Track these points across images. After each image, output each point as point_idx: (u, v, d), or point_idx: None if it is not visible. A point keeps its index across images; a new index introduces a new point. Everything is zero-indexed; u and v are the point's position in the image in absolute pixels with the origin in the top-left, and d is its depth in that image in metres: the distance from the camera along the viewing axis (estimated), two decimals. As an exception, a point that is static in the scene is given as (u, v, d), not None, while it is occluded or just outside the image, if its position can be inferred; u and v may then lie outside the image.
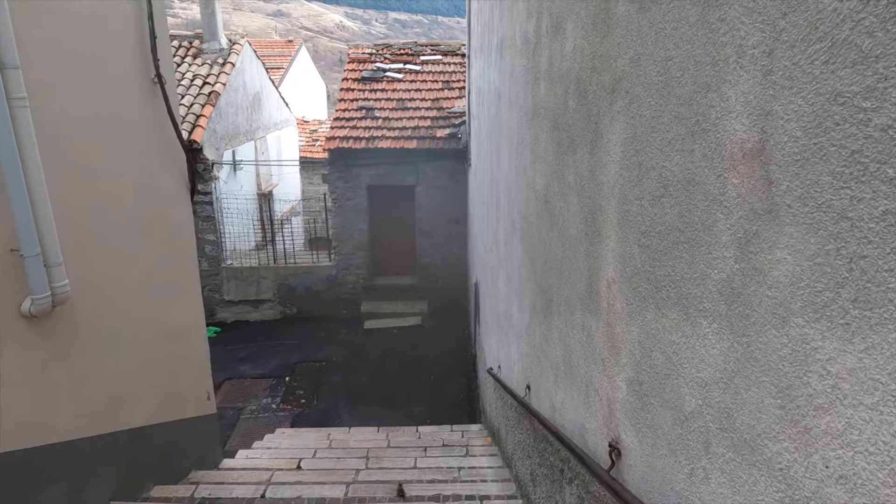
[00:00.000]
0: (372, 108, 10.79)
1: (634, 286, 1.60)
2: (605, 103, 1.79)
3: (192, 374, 4.69)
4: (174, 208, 4.26)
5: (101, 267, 3.62)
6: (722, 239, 1.11)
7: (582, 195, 2.14)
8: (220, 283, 10.60)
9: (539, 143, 2.99)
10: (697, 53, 1.18)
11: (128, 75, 3.77)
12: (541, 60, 2.89)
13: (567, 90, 2.32)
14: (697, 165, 1.19)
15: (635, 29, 1.53)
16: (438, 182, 10.32)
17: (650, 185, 1.46)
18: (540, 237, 3.05)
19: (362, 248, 10.66)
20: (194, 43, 11.41)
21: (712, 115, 1.13)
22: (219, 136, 10.53)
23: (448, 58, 12.13)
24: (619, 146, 1.68)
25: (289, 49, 21.37)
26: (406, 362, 9.25)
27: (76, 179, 3.40)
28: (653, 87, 1.42)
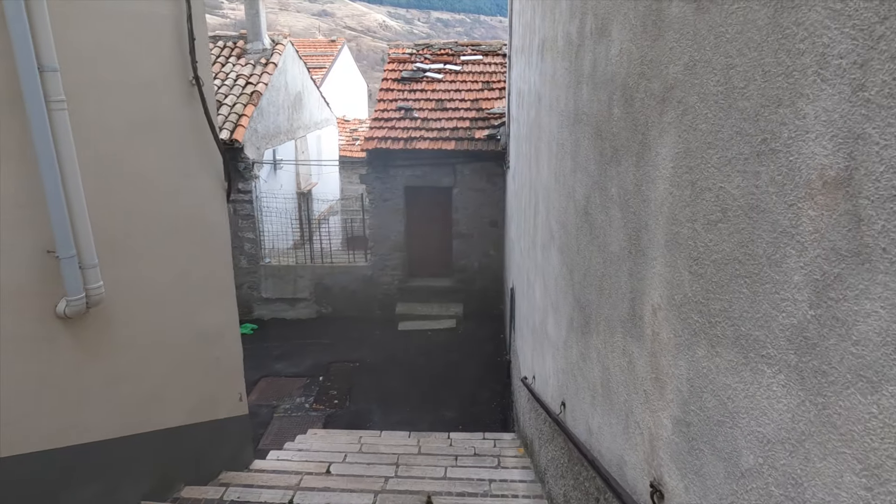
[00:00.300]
0: (411, 109, 10.74)
1: (683, 317, 1.45)
2: (655, 113, 1.64)
3: (225, 375, 4.70)
4: (209, 209, 4.26)
5: (136, 268, 3.64)
6: (793, 278, 0.95)
7: (626, 210, 1.98)
8: (258, 280, 10.73)
9: (580, 151, 2.83)
10: (767, 62, 1.03)
11: (166, 77, 3.77)
12: (584, 63, 2.74)
13: (612, 97, 2.16)
14: (764, 191, 1.04)
15: (691, 32, 1.37)
16: (476, 184, 10.19)
17: (705, 208, 1.30)
18: (579, 249, 2.89)
19: (398, 248, 10.62)
20: (238, 43, 11.58)
21: (784, 135, 0.97)
22: (260, 135, 10.66)
23: (489, 58, 11.98)
24: (670, 161, 1.52)
25: (331, 49, 21.56)
26: (439, 366, 9.16)
27: (112, 181, 3.42)
28: (710, 97, 1.26)
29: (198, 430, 4.38)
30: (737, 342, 1.16)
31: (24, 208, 2.90)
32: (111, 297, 3.41)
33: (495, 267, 10.60)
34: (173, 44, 3.80)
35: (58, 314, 3.12)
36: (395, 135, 10.10)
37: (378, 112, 10.77)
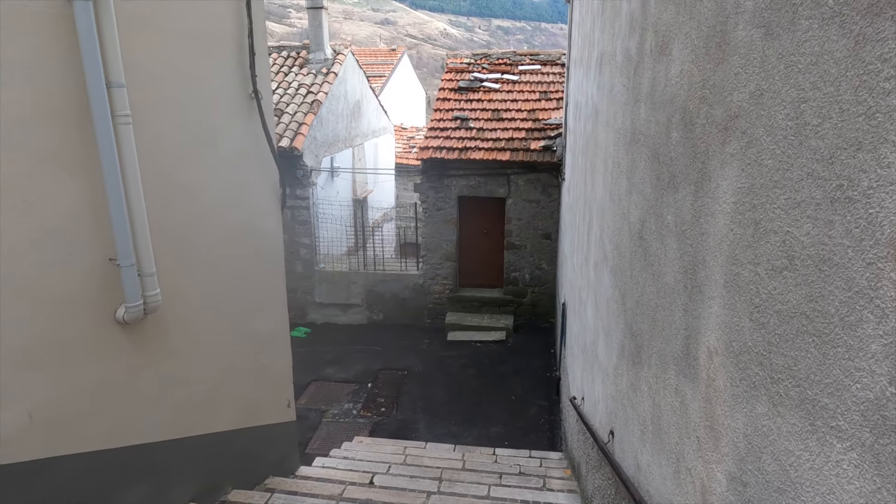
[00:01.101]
0: (467, 119, 10.72)
1: (742, 366, 1.33)
2: (716, 142, 1.53)
3: (274, 381, 4.78)
4: (264, 220, 4.35)
5: (191, 276, 3.75)
6: (870, 347, 0.84)
7: (682, 241, 1.86)
8: (313, 285, 10.95)
9: (636, 172, 2.71)
10: (845, 99, 0.92)
11: (226, 91, 3.88)
12: (642, 81, 2.62)
13: (670, 119, 2.05)
14: (837, 243, 0.93)
15: (758, 59, 1.26)
16: (530, 195, 10.06)
17: (769, 252, 1.19)
18: (632, 275, 2.76)
19: (450, 258, 10.60)
20: (301, 53, 11.90)
21: (863, 183, 0.86)
22: (319, 143, 10.89)
23: (547, 67, 11.83)
24: (731, 195, 1.41)
25: (391, 57, 21.89)
26: (487, 379, 9.06)
27: (172, 192, 3.53)
28: (778, 132, 1.15)
29: (246, 434, 4.47)
30: (802, 405, 1.05)
31: (89, 218, 3.02)
32: (167, 304, 3.52)
33: (547, 280, 10.41)
34: (234, 58, 3.91)
35: (117, 319, 3.23)
36: (451, 144, 10.10)
37: (434, 122, 10.81)
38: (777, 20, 1.17)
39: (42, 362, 2.95)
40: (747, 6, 1.34)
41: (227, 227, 3.98)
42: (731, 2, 1.45)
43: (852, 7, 0.90)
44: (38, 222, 2.87)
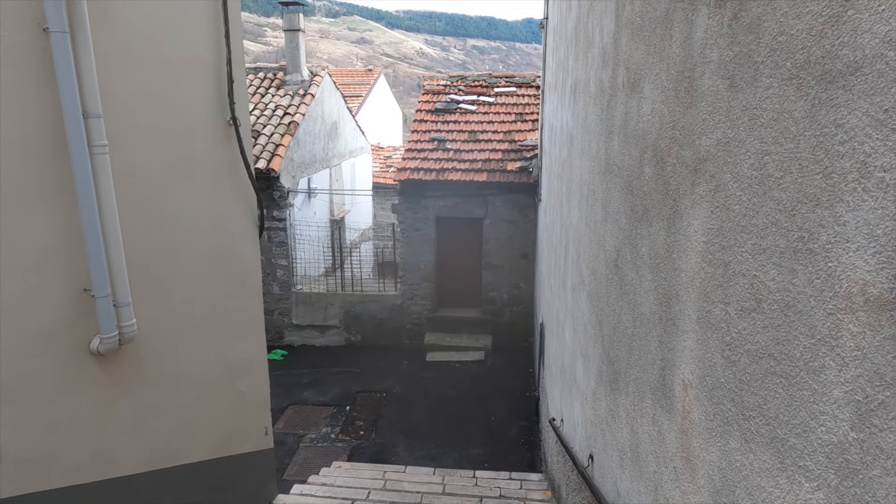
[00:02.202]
0: (444, 140, 10.83)
1: (716, 401, 1.38)
2: (687, 182, 1.59)
3: (252, 409, 4.71)
4: (242, 246, 4.33)
5: (168, 305, 3.70)
6: (833, 393, 0.89)
7: (656, 273, 1.92)
8: (290, 307, 10.85)
9: (611, 202, 2.78)
10: (803, 157, 0.98)
11: (204, 118, 3.88)
12: (615, 114, 2.70)
13: (643, 154, 2.12)
14: (801, 291, 0.99)
15: (724, 108, 1.33)
16: (507, 215, 10.16)
17: (738, 293, 1.24)
18: (608, 302, 2.82)
19: (428, 278, 10.62)
20: (278, 75, 11.91)
21: (822, 237, 0.92)
22: (296, 164, 10.88)
23: (522, 89, 12.03)
24: (702, 235, 1.47)
25: (368, 78, 22.03)
26: (466, 399, 9.05)
27: (149, 220, 3.50)
28: (744, 180, 1.22)
29: (223, 464, 4.39)
30: (772, 444, 1.09)
31: (64, 249, 2.98)
32: (143, 333, 3.47)
33: (525, 299, 10.48)
34: (212, 86, 3.92)
35: (91, 351, 3.18)
36: (428, 166, 10.18)
37: (411, 143, 10.89)
38: (741, 74, 1.24)
39: (13, 397, 2.89)
40: (713, 57, 1.41)
41: (204, 254, 3.95)
42: (697, 50, 1.53)
43: (808, 72, 0.96)
44: (10, 254, 2.83)
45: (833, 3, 0.89)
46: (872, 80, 0.80)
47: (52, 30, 2.66)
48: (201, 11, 3.75)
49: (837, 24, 0.88)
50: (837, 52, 0.88)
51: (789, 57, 1.03)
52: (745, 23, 1.22)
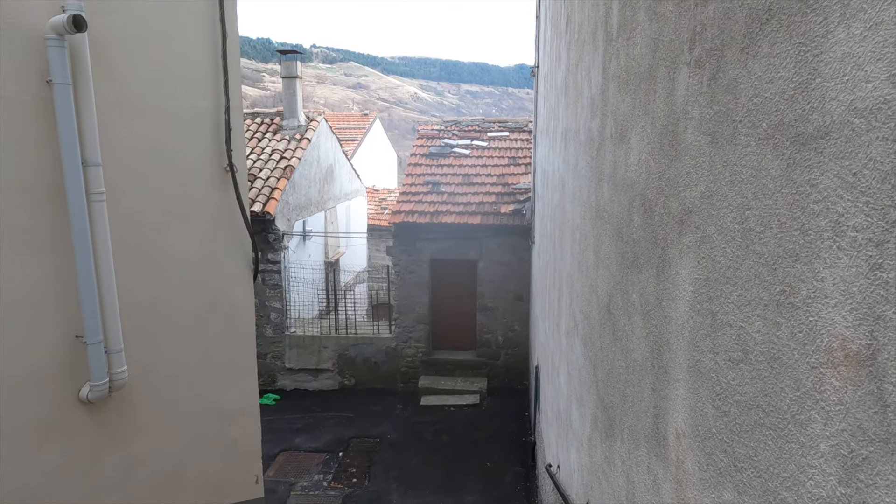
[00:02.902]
0: (438, 183, 10.97)
1: (708, 452, 1.38)
2: (674, 233, 1.63)
3: (242, 457, 4.62)
4: (236, 291, 4.33)
5: (160, 350, 3.68)
6: (819, 446, 0.90)
7: (647, 320, 1.94)
8: (283, 350, 10.75)
9: (602, 248, 2.82)
10: (782, 213, 1.02)
11: (201, 165, 3.94)
12: (604, 162, 2.77)
13: (632, 203, 2.17)
14: (785, 344, 1.01)
15: (706, 163, 1.38)
16: (501, 258, 10.21)
17: (726, 343, 1.26)
18: (602, 347, 2.83)
19: (423, 321, 10.58)
20: (275, 120, 12.13)
21: (802, 292, 0.95)
22: (291, 207, 10.96)
23: (515, 134, 12.27)
24: (690, 285, 1.50)
25: (364, 122, 22.44)
26: (461, 444, 8.89)
27: (143, 265, 3.51)
28: (728, 233, 1.25)
29: (211, 514, 4.28)
30: (764, 496, 1.09)
31: (57, 295, 2.98)
32: (134, 379, 3.43)
33: (520, 341, 10.44)
34: (210, 133, 3.99)
35: (80, 399, 3.14)
36: (422, 209, 10.28)
37: (406, 186, 11.02)
38: (720, 131, 1.29)
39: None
40: (694, 113, 1.47)
41: (198, 299, 3.94)
42: (679, 106, 1.59)
43: (783, 133, 1.01)
44: (4, 299, 2.82)
45: (803, 70, 0.95)
46: (841, 144, 0.84)
47: (56, 82, 2.73)
48: (201, 61, 3.86)
49: (807, 91, 0.93)
50: (808, 117, 0.93)
51: (765, 118, 1.08)
52: (722, 83, 1.28)
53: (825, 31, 0.88)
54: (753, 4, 1.12)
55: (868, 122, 0.78)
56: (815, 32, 0.91)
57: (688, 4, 1.51)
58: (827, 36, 0.87)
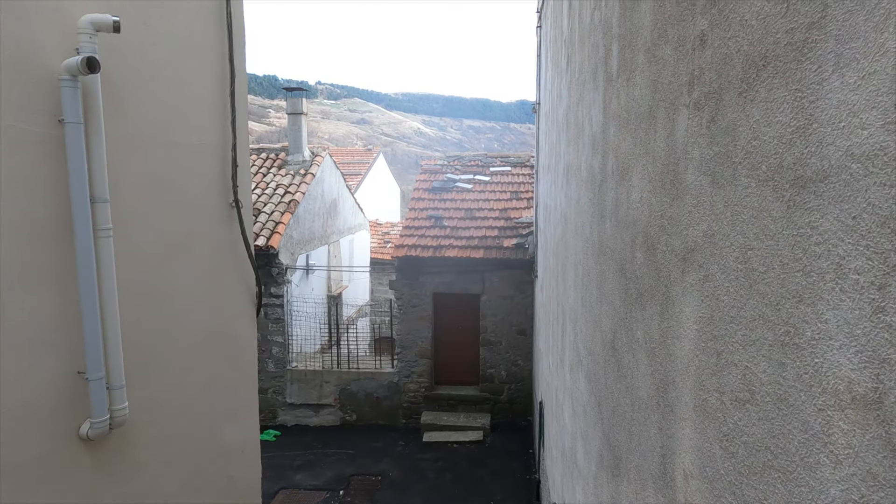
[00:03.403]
0: (441, 218, 11.03)
1: (717, 493, 1.36)
2: (677, 271, 1.64)
3: (242, 495, 4.54)
4: (239, 326, 4.32)
5: (162, 386, 3.65)
6: (830, 491, 0.89)
7: (652, 358, 1.93)
8: (284, 385, 10.65)
9: (605, 283, 2.83)
10: (784, 254, 1.03)
11: (207, 200, 3.98)
12: (606, 199, 2.80)
13: (634, 240, 2.18)
14: (791, 385, 1.00)
15: (708, 202, 1.40)
16: (504, 291, 10.20)
17: (732, 383, 1.26)
18: (606, 384, 2.80)
19: (425, 355, 10.51)
20: (280, 155, 12.29)
21: (807, 333, 0.95)
22: (294, 241, 11.01)
23: (517, 169, 12.40)
24: (694, 323, 1.50)
25: (367, 157, 22.72)
26: (465, 482, 8.71)
27: (148, 299, 3.52)
28: (731, 272, 1.26)
29: (208, 556, 4.17)
30: (775, 541, 1.07)
31: (60, 330, 2.98)
32: (135, 416, 3.40)
33: (524, 376, 10.33)
34: (217, 169, 4.05)
35: (80, 436, 3.10)
36: (425, 243, 10.32)
37: (409, 220, 11.09)
38: (721, 172, 1.31)
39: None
40: (694, 154, 1.49)
41: (201, 334, 3.94)
42: (680, 146, 1.61)
43: (782, 176, 1.03)
44: (6, 335, 2.82)
45: (800, 115, 0.97)
46: (840, 188, 0.85)
47: (68, 121, 2.78)
48: (210, 99, 3.94)
49: (805, 135, 0.95)
50: (807, 161, 0.94)
51: (764, 160, 1.10)
52: (721, 126, 1.31)
53: (820, 78, 0.90)
54: (749, 51, 1.15)
55: (865, 168, 0.79)
56: (810, 80, 0.93)
57: (685, 49, 1.55)
58: (822, 83, 0.90)
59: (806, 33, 0.94)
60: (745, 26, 1.18)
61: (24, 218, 2.81)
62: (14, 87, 2.65)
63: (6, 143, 2.69)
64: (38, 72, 2.75)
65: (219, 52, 4.01)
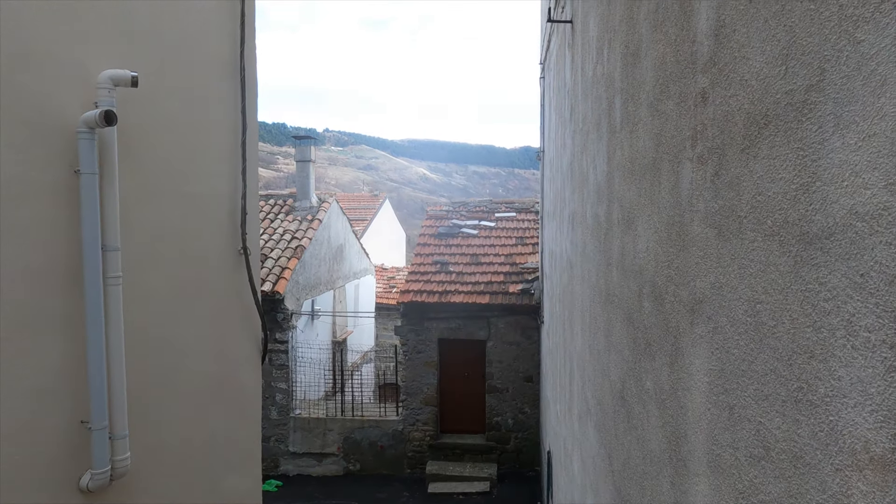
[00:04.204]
0: (446, 263, 11.06)
1: (735, 555, 1.31)
2: (686, 322, 1.63)
3: (242, 550, 4.41)
4: (244, 374, 4.29)
5: (165, 436, 3.60)
6: (852, 556, 0.86)
7: (663, 410, 1.90)
8: (287, 433, 10.47)
9: (613, 332, 2.81)
10: (793, 309, 1.03)
11: (216, 247, 4.02)
12: (612, 247, 2.81)
13: (641, 289, 2.18)
14: (807, 443, 0.99)
15: (714, 254, 1.41)
16: (510, 337, 10.12)
17: (745, 439, 1.24)
18: (616, 435, 2.75)
19: (430, 402, 10.35)
20: (288, 201, 12.45)
21: (820, 390, 0.94)
22: (300, 286, 11.03)
23: (522, 214, 12.49)
24: (705, 376, 1.48)
25: (373, 202, 22.97)
26: (471, 537, 8.43)
27: (154, 346, 3.51)
28: (740, 325, 1.26)
29: None
30: None
31: (65, 378, 2.97)
32: (137, 467, 3.34)
33: (531, 425, 10.13)
34: (226, 216, 4.11)
35: (80, 488, 3.05)
36: (431, 288, 10.31)
37: (414, 266, 11.12)
38: (727, 225, 1.33)
39: (-9, 541, 2.72)
40: (700, 206, 1.51)
41: (206, 381, 3.91)
42: (685, 199, 1.64)
43: (788, 231, 1.04)
44: (11, 384, 2.81)
45: (803, 173, 0.99)
46: (846, 245, 0.86)
47: (83, 171, 2.85)
48: (221, 149, 4.03)
49: (809, 193, 0.97)
50: (812, 217, 0.96)
51: (769, 215, 1.11)
52: (726, 180, 1.33)
53: (821, 138, 0.93)
54: (751, 110, 1.19)
55: (870, 227, 0.80)
56: (811, 139, 0.96)
57: (687, 105, 1.59)
58: (823, 143, 0.92)
59: (805, 95, 0.97)
60: (745, 86, 1.21)
61: (34, 266, 2.84)
62: (34, 141, 2.72)
63: (22, 194, 2.75)
64: (56, 125, 2.84)
65: (231, 103, 4.12)
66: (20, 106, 2.65)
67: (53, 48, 2.80)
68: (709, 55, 1.43)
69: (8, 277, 2.70)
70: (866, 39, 0.81)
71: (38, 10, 2.71)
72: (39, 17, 2.71)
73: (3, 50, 2.55)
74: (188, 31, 3.73)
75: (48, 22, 2.76)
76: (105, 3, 3.10)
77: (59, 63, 2.84)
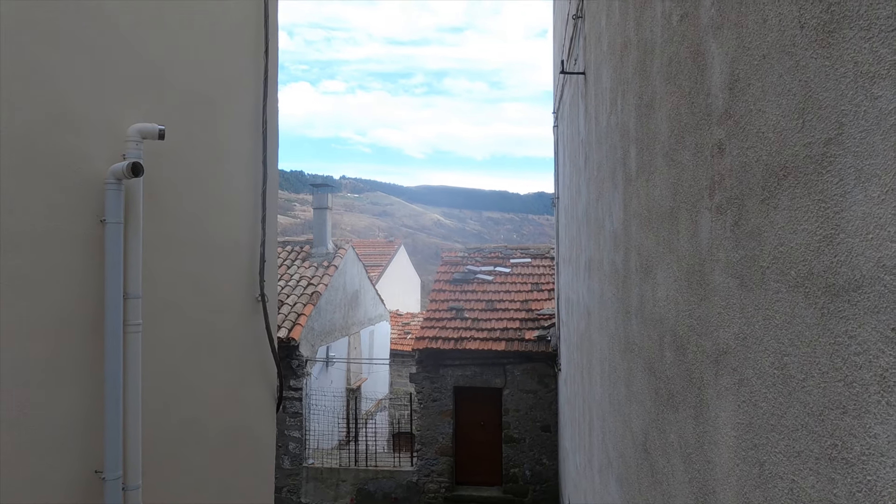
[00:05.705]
0: (462, 309, 11.01)
1: None
2: (710, 373, 1.60)
3: None
4: (259, 423, 4.25)
5: (179, 487, 3.55)
6: None
7: (689, 464, 1.84)
8: (300, 484, 10.26)
9: (634, 382, 2.75)
10: (822, 362, 1.01)
11: (234, 294, 4.05)
12: (631, 295, 2.79)
13: (662, 338, 2.15)
14: (843, 503, 0.95)
15: (737, 304, 1.39)
16: (527, 385, 9.95)
17: (779, 498, 1.19)
18: (640, 490, 2.66)
19: (446, 452, 10.12)
20: (304, 248, 12.59)
21: (856, 448, 0.91)
22: (315, 332, 11.02)
23: (537, 260, 12.48)
24: (732, 429, 1.44)
25: (389, 248, 23.13)
26: None
27: (170, 395, 3.50)
28: (768, 378, 1.23)
29: None
30: None
31: (80, 427, 2.96)
32: (147, 520, 3.28)
33: (549, 476, 9.83)
34: (244, 264, 4.16)
35: (90, 542, 2.99)
36: (446, 335, 10.24)
37: (430, 312, 11.08)
38: (749, 275, 1.32)
39: None
40: (720, 256, 1.50)
41: (220, 431, 3.87)
42: (705, 248, 1.63)
43: (813, 283, 1.03)
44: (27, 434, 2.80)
45: (825, 225, 0.99)
46: (875, 298, 0.85)
47: (109, 221, 2.92)
48: (242, 199, 4.12)
49: (833, 244, 0.96)
50: (837, 269, 0.95)
51: (793, 266, 1.10)
52: (746, 230, 1.33)
53: (843, 191, 0.93)
54: (769, 161, 1.19)
55: (899, 280, 0.79)
56: (832, 192, 0.96)
57: (704, 155, 1.61)
58: (845, 196, 0.92)
59: (824, 148, 0.98)
60: (762, 138, 1.23)
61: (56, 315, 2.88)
62: (63, 192, 2.81)
63: (48, 244, 2.81)
64: (85, 177, 2.92)
65: (253, 155, 4.23)
66: (52, 160, 2.74)
67: (87, 105, 2.92)
68: (724, 108, 1.45)
69: (31, 328, 2.74)
70: (883, 95, 0.82)
71: (74, 69, 2.83)
72: (75, 76, 2.84)
73: (42, 110, 2.66)
74: (214, 87, 3.87)
75: (83, 80, 2.89)
76: (136, 60, 3.24)
77: (91, 119, 2.95)
